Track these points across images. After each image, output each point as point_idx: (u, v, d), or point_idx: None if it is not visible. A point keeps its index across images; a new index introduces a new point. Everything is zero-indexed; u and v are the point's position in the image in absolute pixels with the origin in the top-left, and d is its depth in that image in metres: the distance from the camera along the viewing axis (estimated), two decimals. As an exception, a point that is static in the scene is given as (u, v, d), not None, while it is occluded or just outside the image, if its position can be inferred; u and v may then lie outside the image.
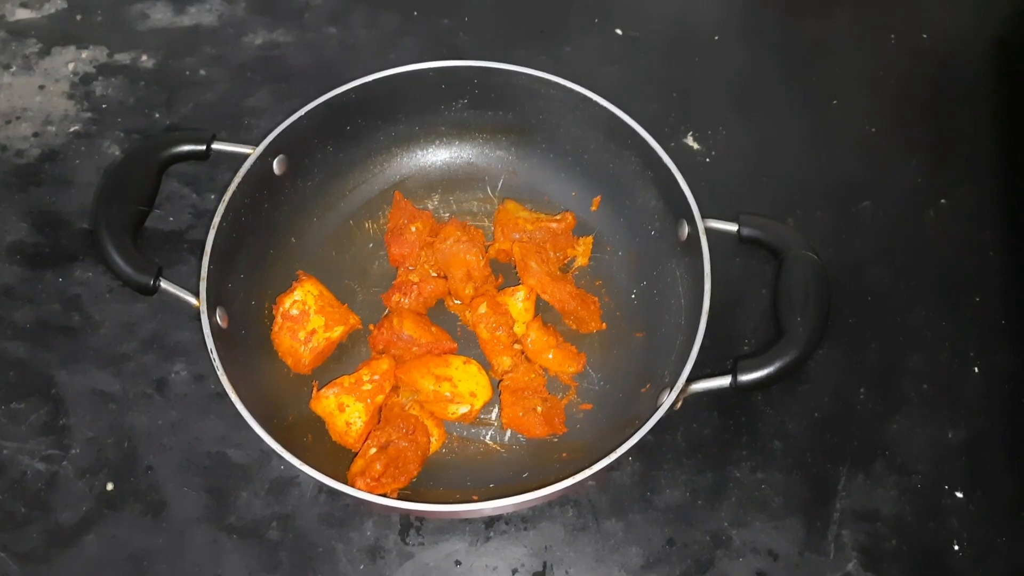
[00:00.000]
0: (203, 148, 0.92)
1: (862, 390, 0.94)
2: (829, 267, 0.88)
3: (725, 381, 0.82)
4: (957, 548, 0.87)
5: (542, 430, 0.87)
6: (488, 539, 0.86)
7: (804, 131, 1.11)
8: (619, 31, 1.19)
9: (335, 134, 0.98)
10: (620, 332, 0.95)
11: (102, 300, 0.97)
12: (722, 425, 0.92)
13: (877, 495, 0.89)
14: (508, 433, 0.90)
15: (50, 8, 1.19)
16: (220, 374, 0.79)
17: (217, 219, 0.86)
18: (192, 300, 0.83)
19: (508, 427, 0.89)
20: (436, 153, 1.04)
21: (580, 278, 0.98)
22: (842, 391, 0.94)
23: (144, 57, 1.15)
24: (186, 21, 1.18)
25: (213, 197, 1.04)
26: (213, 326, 0.82)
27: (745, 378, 0.81)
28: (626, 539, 0.86)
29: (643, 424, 0.78)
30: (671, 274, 0.92)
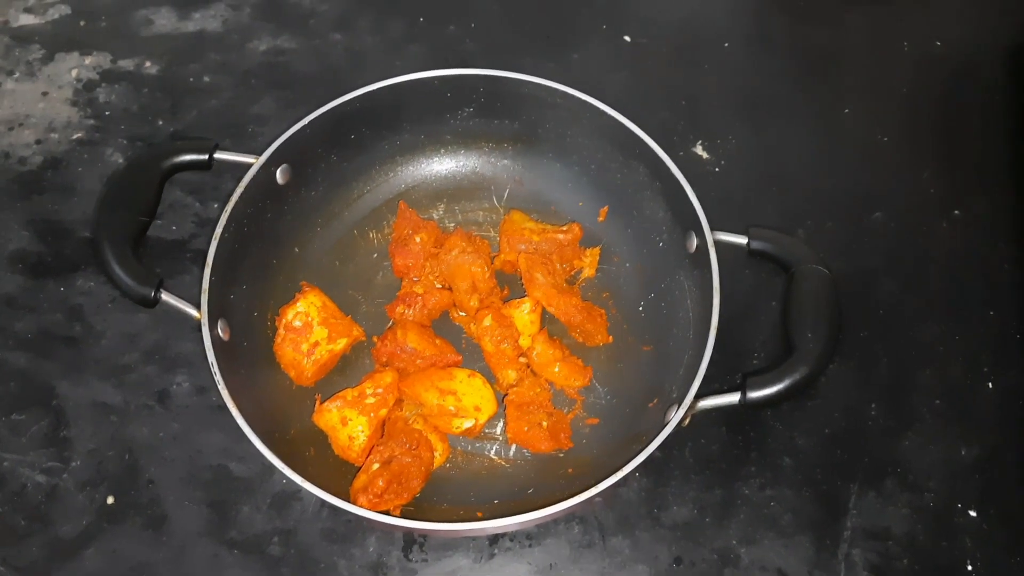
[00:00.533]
0: (205, 158, 0.91)
1: (873, 405, 0.93)
2: (839, 279, 0.87)
3: (734, 398, 0.80)
4: (970, 568, 0.85)
5: (548, 445, 0.86)
6: (492, 556, 0.85)
7: (815, 140, 1.10)
8: (627, 38, 1.18)
9: (339, 143, 0.97)
10: (627, 345, 0.94)
11: (104, 310, 0.97)
12: (730, 441, 0.90)
13: (888, 513, 0.87)
14: (513, 448, 0.89)
15: (54, 14, 1.18)
16: (221, 388, 0.78)
17: (219, 230, 0.85)
18: (194, 312, 0.82)
19: (513, 442, 0.88)
20: (441, 162, 1.03)
21: (587, 289, 0.97)
22: (853, 406, 0.93)
23: (148, 63, 1.14)
24: (190, 27, 1.17)
25: (216, 206, 1.03)
26: (214, 338, 0.81)
27: (754, 395, 0.80)
28: (633, 557, 0.85)
29: (651, 441, 0.76)
30: (679, 287, 0.91)
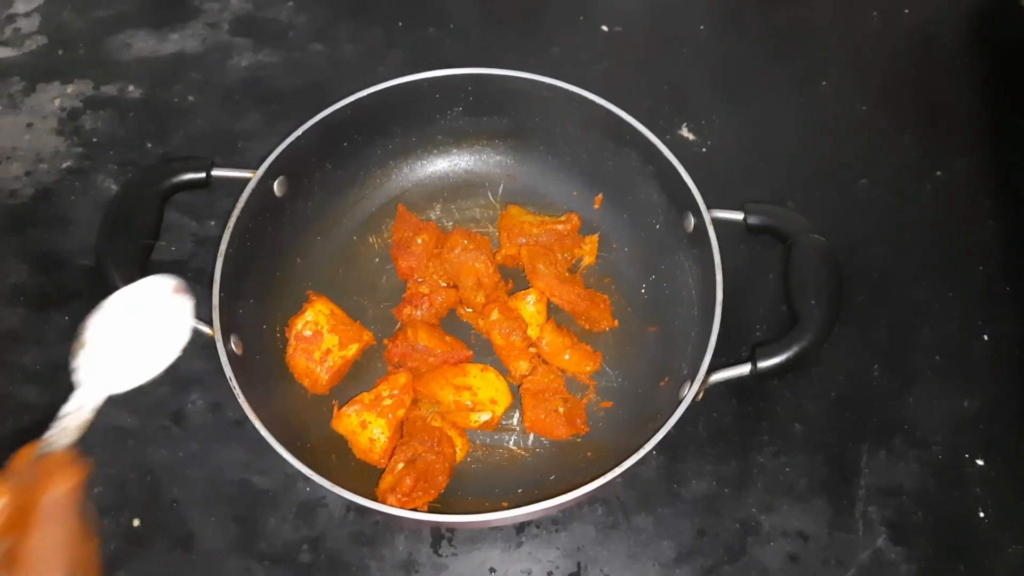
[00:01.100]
0: (203, 176, 0.91)
1: (876, 367, 0.95)
2: (832, 248, 0.89)
3: (745, 369, 0.82)
4: (983, 515, 0.88)
5: (565, 431, 0.87)
6: (520, 544, 0.86)
7: (796, 114, 1.12)
8: (604, 27, 1.19)
9: (332, 151, 0.97)
10: (633, 328, 0.95)
11: (111, 336, 0.96)
12: (741, 412, 0.92)
13: (900, 470, 0.90)
14: (531, 437, 0.90)
15: (31, 44, 1.17)
16: (241, 402, 0.79)
17: (223, 246, 0.86)
18: (205, 329, 0.83)
19: (531, 430, 0.89)
20: (434, 163, 1.04)
21: (589, 276, 0.98)
22: (856, 370, 0.95)
23: (131, 87, 1.14)
24: (169, 48, 1.17)
25: (213, 224, 1.03)
26: (229, 353, 0.81)
27: (765, 364, 0.82)
28: (657, 533, 0.87)
29: (667, 419, 0.78)
30: (679, 266, 0.93)
